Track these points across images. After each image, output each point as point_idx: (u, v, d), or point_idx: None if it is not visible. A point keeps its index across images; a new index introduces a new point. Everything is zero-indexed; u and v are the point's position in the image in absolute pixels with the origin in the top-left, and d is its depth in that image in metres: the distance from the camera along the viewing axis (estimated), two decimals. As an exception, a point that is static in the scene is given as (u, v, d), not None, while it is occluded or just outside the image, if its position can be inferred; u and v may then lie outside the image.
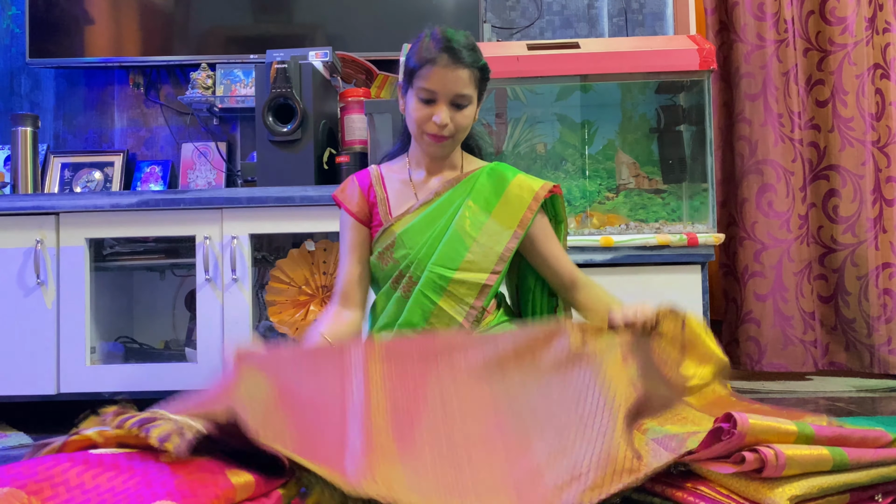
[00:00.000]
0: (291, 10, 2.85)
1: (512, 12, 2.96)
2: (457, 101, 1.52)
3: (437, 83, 1.50)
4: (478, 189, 1.59)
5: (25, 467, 0.91)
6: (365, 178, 1.66)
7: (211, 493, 0.88)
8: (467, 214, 1.57)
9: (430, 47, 1.51)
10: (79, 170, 2.88)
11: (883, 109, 2.78)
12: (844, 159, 2.77)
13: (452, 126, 1.53)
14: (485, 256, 1.56)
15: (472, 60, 1.52)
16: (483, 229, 1.57)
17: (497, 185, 1.60)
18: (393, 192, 1.63)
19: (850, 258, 2.76)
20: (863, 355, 2.72)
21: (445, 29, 1.53)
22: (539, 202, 1.59)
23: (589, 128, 2.69)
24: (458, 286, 1.55)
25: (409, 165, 1.65)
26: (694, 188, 2.56)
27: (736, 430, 1.03)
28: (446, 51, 1.49)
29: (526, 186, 1.60)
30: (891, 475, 1.10)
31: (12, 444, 2.08)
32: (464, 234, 1.56)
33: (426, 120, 1.53)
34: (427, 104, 1.52)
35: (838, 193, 2.77)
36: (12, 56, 2.99)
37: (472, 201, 1.58)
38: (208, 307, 2.27)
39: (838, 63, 2.79)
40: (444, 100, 1.51)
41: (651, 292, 2.28)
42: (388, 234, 1.59)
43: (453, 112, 1.53)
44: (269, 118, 2.32)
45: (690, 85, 2.50)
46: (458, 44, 1.51)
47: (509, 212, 1.58)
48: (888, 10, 2.79)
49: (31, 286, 2.27)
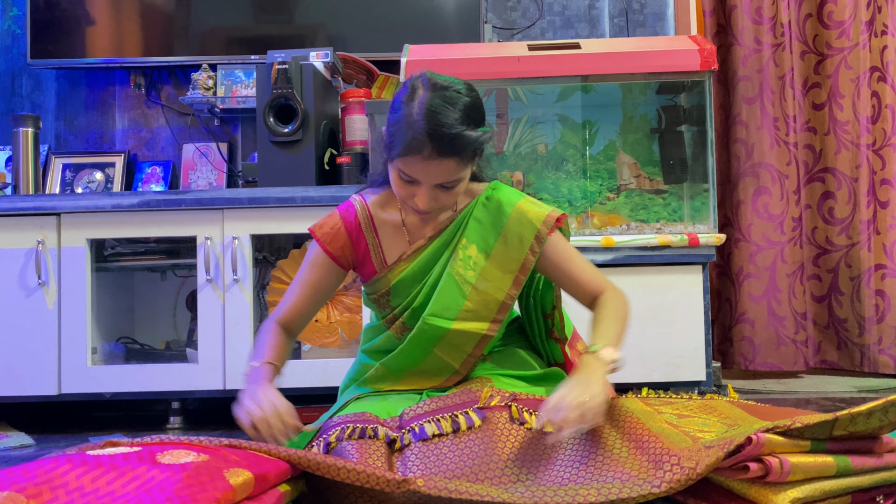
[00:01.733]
0: (292, 10, 2.85)
1: (513, 13, 2.96)
2: (444, 184, 1.33)
3: (420, 174, 1.30)
4: (472, 226, 1.43)
5: (24, 470, 0.91)
6: (351, 220, 1.46)
7: (210, 496, 0.88)
8: (461, 256, 1.42)
9: (413, 129, 1.27)
10: (80, 170, 2.88)
11: (879, 112, 2.81)
12: (840, 162, 2.82)
13: (438, 204, 1.36)
14: (485, 305, 1.41)
15: (464, 147, 1.29)
16: (481, 274, 1.41)
17: (494, 219, 1.43)
18: (386, 238, 1.46)
19: (844, 259, 2.82)
20: (854, 354, 2.79)
21: (434, 98, 1.28)
22: (542, 242, 1.42)
23: (590, 128, 2.69)
24: (455, 336, 1.41)
25: (401, 206, 1.45)
26: (695, 189, 2.56)
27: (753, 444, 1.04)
28: (432, 139, 1.26)
29: (526, 221, 1.42)
30: (892, 478, 1.11)
31: (13, 445, 2.09)
32: (461, 281, 1.41)
33: (408, 197, 1.35)
34: (409, 184, 1.33)
35: (833, 196, 2.83)
36: (13, 57, 2.99)
37: (466, 240, 1.42)
38: (209, 308, 2.27)
39: (835, 66, 2.83)
40: (428, 185, 1.32)
41: (652, 293, 2.28)
42: (384, 283, 1.45)
43: (439, 192, 1.34)
44: (270, 119, 2.32)
45: (691, 85, 2.50)
46: (448, 129, 1.26)
47: (509, 254, 1.42)
48: (886, 12, 2.80)
49: (32, 287, 2.27)
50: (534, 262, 1.42)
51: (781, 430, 1.05)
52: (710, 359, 2.28)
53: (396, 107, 1.32)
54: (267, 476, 1.01)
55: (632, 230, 2.37)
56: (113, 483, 0.88)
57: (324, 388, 2.20)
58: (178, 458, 0.97)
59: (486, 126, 1.35)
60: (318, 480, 1.14)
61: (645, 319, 2.26)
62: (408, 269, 1.43)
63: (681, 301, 2.28)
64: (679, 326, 2.27)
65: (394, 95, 1.36)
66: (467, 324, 1.41)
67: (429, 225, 1.46)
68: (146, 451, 1.00)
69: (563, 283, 1.47)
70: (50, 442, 2.14)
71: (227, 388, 2.24)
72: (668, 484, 1.06)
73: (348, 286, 2.38)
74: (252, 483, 0.97)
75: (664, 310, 2.27)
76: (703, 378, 2.27)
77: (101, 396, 2.26)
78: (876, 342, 2.75)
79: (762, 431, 1.05)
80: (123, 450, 1.01)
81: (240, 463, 0.99)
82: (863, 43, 2.79)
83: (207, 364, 2.25)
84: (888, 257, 2.78)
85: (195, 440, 1.09)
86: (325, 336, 2.33)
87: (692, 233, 2.27)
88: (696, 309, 2.27)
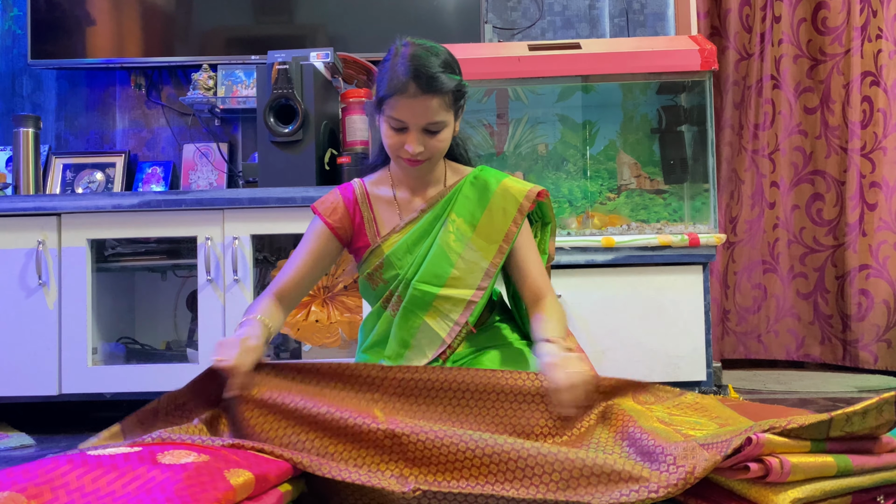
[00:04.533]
0: (293, 10, 2.85)
1: (513, 13, 2.96)
2: (429, 128, 1.45)
3: (406, 114, 1.43)
4: (461, 202, 1.55)
5: (25, 470, 0.91)
6: (349, 194, 1.59)
7: (211, 497, 0.88)
8: (451, 229, 1.53)
9: (397, 73, 1.42)
10: (80, 171, 2.88)
11: (871, 116, 2.87)
12: (829, 166, 2.94)
13: (427, 152, 1.47)
14: (470, 272, 1.52)
15: (443, 86, 1.42)
16: (468, 244, 1.52)
17: (481, 195, 1.55)
18: (380, 212, 1.58)
19: (830, 259, 2.96)
20: (836, 349, 2.94)
21: (415, 49, 1.44)
22: (524, 214, 1.54)
23: (590, 128, 2.69)
24: (443, 302, 1.51)
25: (393, 183, 1.59)
26: (695, 189, 2.56)
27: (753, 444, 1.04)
28: (414, 78, 1.40)
29: (510, 196, 1.54)
30: (893, 479, 1.11)
31: (14, 445, 2.09)
32: (448, 250, 1.51)
33: (399, 147, 1.47)
34: (398, 132, 1.45)
35: (822, 197, 2.96)
36: (14, 57, 2.99)
37: (455, 215, 1.54)
38: (210, 308, 2.27)
39: (827, 72, 2.92)
40: (416, 128, 1.44)
41: (652, 293, 2.28)
42: (377, 254, 1.55)
43: (426, 138, 1.46)
44: (271, 119, 2.32)
45: (691, 85, 2.50)
46: (428, 69, 1.41)
47: (494, 225, 1.53)
48: (881, 16, 2.83)
49: (32, 287, 2.27)
50: (516, 233, 1.53)
51: (778, 431, 1.05)
52: (710, 358, 2.28)
53: (383, 65, 1.47)
54: (267, 476, 1.01)
55: (632, 230, 2.37)
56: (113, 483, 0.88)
57: (324, 388, 2.20)
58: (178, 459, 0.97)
59: (465, 82, 1.48)
60: (318, 480, 1.14)
61: (645, 319, 2.27)
62: (400, 241, 1.53)
63: (681, 301, 2.28)
64: (679, 326, 2.27)
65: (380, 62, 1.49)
66: (454, 290, 1.51)
67: (419, 199, 1.57)
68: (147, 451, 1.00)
69: (515, 270, 1.55)
70: (50, 442, 2.14)
71: (227, 388, 2.24)
72: (665, 489, 1.06)
73: (348, 286, 2.39)
74: (253, 483, 0.97)
75: (664, 310, 2.27)
76: (703, 378, 2.28)
77: (101, 397, 2.26)
78: (858, 339, 2.88)
79: (761, 431, 1.05)
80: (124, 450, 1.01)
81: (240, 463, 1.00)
82: (854, 49, 2.86)
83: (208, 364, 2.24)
84: (873, 258, 2.88)
85: (196, 440, 1.09)
86: (325, 336, 2.34)
87: (692, 233, 2.27)
88: (697, 309, 2.27)
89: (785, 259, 2.97)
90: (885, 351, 2.87)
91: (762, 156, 2.99)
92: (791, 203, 2.97)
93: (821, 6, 2.91)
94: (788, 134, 2.96)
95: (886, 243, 2.87)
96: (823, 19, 2.88)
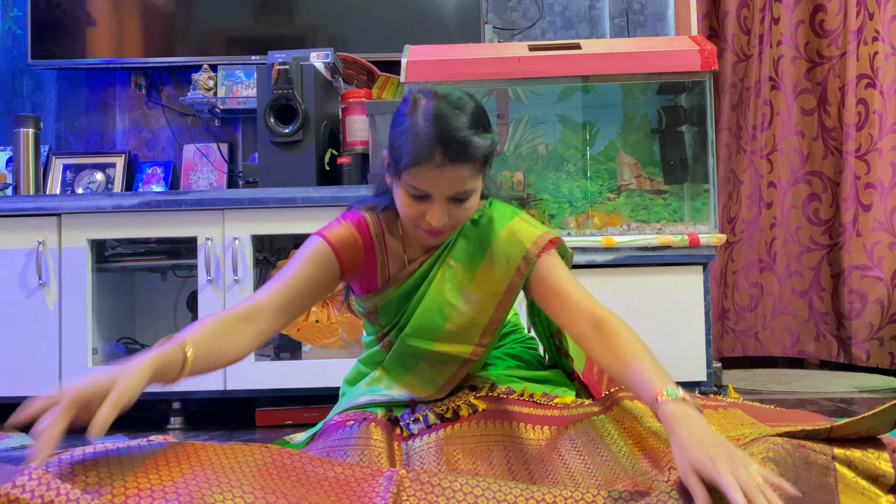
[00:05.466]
0: (293, 11, 2.85)
1: (513, 13, 2.96)
2: (456, 196, 1.21)
3: (430, 185, 1.19)
4: (460, 243, 1.34)
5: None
6: (367, 236, 1.34)
7: None
8: (447, 276, 1.32)
9: (420, 137, 1.16)
10: (80, 171, 2.88)
11: (867, 118, 2.89)
12: (826, 167, 2.98)
13: (452, 222, 1.24)
14: (467, 328, 1.32)
15: (476, 151, 1.18)
16: (464, 296, 1.32)
17: (483, 237, 1.33)
18: (391, 258, 1.36)
19: (826, 258, 3.00)
20: (831, 346, 2.99)
21: (438, 104, 1.18)
22: (530, 264, 1.30)
23: (590, 128, 2.69)
24: (438, 356, 1.34)
25: (403, 230, 1.36)
26: (695, 189, 2.57)
27: None
28: (442, 146, 1.15)
29: (515, 241, 1.31)
30: None
31: (14, 446, 2.09)
32: (442, 302, 1.31)
33: (419, 217, 1.23)
34: (419, 200, 1.21)
35: (818, 198, 2.99)
36: (14, 57, 2.99)
37: (452, 259, 1.33)
38: (210, 308, 2.27)
39: (825, 74, 2.97)
40: (441, 198, 1.20)
41: (652, 293, 2.28)
42: (372, 300, 1.37)
43: (452, 208, 1.22)
44: (271, 119, 2.33)
45: (692, 86, 2.50)
46: (458, 133, 1.16)
47: (494, 275, 1.31)
48: (878, 19, 2.85)
49: (32, 287, 2.27)
50: (520, 284, 1.31)
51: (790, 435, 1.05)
52: (710, 359, 2.28)
53: (399, 120, 1.22)
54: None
55: (632, 230, 2.38)
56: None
57: (324, 388, 2.20)
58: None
59: (494, 134, 1.24)
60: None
61: (645, 319, 2.27)
62: (396, 292, 1.35)
63: (681, 301, 2.28)
64: (679, 326, 2.27)
65: (393, 115, 1.26)
66: (448, 346, 1.33)
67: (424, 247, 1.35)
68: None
69: (555, 307, 1.29)
70: (50, 442, 2.13)
71: (227, 388, 2.24)
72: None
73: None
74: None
75: (664, 310, 2.27)
76: (703, 378, 2.28)
77: (101, 397, 2.26)
78: (851, 336, 2.93)
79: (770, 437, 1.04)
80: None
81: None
82: (851, 51, 2.88)
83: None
84: (868, 258, 2.91)
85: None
86: (325, 336, 2.33)
87: (693, 233, 2.27)
88: (697, 309, 2.28)
89: (782, 258, 3.01)
90: (878, 348, 2.91)
91: (760, 156, 3.00)
92: (788, 203, 3.00)
93: (819, 8, 2.93)
94: (786, 135, 2.98)
95: (881, 243, 2.90)
96: (821, 21, 2.90)
